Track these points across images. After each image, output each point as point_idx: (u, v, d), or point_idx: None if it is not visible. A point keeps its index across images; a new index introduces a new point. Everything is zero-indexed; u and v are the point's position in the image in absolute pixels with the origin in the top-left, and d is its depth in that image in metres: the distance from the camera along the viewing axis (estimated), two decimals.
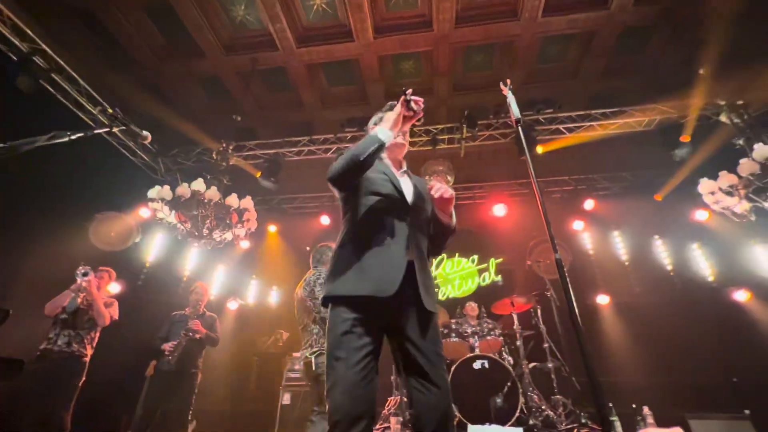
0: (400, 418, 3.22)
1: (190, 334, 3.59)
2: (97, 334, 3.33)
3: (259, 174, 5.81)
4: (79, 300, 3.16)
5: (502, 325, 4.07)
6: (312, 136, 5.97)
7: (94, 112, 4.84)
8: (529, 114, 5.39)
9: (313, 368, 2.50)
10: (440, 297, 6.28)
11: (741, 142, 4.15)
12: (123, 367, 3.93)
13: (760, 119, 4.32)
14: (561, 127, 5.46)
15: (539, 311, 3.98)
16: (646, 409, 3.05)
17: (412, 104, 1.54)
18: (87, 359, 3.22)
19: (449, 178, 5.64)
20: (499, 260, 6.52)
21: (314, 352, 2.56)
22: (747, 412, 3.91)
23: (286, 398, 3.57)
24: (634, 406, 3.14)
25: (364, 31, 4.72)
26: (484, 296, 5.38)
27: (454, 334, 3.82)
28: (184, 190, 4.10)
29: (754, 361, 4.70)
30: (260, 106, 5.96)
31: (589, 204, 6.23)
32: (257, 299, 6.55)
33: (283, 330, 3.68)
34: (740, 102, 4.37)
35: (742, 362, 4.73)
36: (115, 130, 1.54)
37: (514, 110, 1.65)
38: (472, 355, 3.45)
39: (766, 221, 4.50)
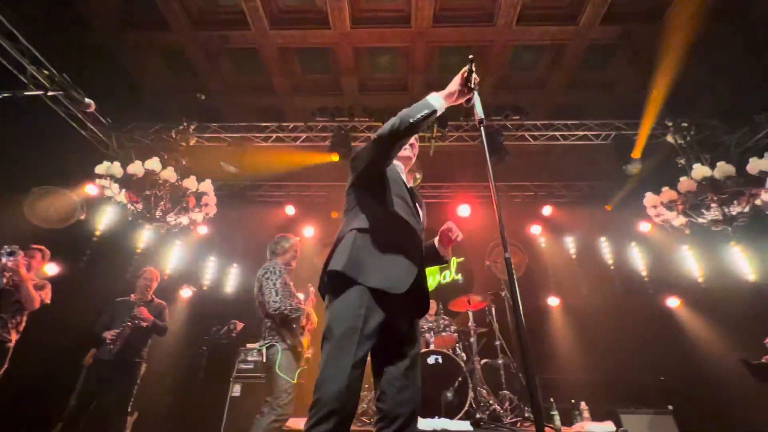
0: None
1: (136, 321, 3.38)
2: (24, 318, 3.05)
3: (222, 161, 5.57)
4: (4, 281, 2.87)
5: (458, 322, 4.19)
6: (281, 123, 5.80)
7: (37, 76, 4.39)
8: (498, 119, 5.55)
9: (264, 360, 2.46)
10: None
11: (682, 161, 4.52)
12: (57, 356, 3.64)
13: (700, 142, 4.72)
14: (526, 134, 5.66)
15: (494, 310, 4.14)
16: (583, 404, 3.26)
17: (472, 80, 1.50)
18: (11, 345, 2.95)
19: (418, 175, 5.64)
20: (460, 259, 6.70)
21: (264, 344, 2.52)
22: (670, 407, 4.30)
23: (236, 390, 3.47)
24: (573, 401, 3.35)
25: (342, 20, 4.64)
26: (443, 294, 5.51)
27: None
28: (136, 168, 3.84)
29: (679, 361, 5.17)
30: (227, 87, 5.70)
31: (547, 210, 6.54)
32: (213, 288, 6.31)
33: (237, 320, 3.56)
34: (684, 124, 4.74)
35: (669, 362, 5.20)
36: (51, 93, 1.39)
37: (479, 110, 1.67)
38: (426, 350, 3.52)
39: (699, 235, 4.95)
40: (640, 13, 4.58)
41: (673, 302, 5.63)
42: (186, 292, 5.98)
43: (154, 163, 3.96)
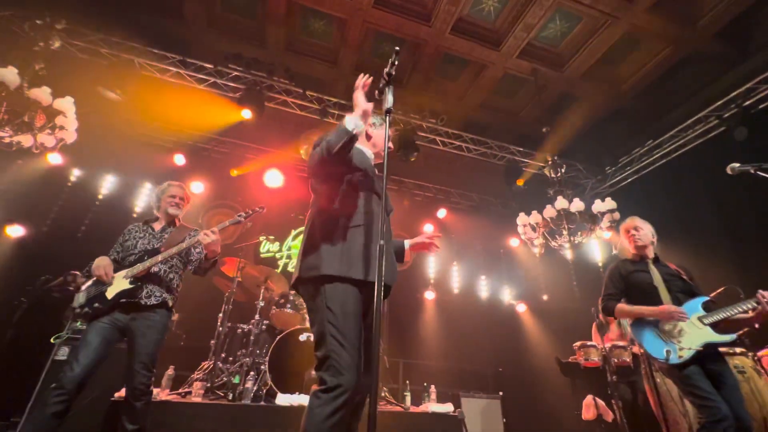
0: (207, 384, 3.02)
1: None
2: None
3: (101, 86, 4.55)
4: None
5: None
6: (185, 58, 5.02)
7: None
8: (416, 118, 5.76)
9: None
10: (288, 269, 6.19)
11: (551, 192, 5.35)
12: None
13: (566, 180, 5.65)
14: (438, 138, 6.01)
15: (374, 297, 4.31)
16: (432, 387, 3.65)
17: (392, 71, 1.60)
18: None
19: None
20: None
21: None
22: (501, 393, 5.12)
23: (62, 353, 2.90)
24: (425, 384, 3.72)
25: None
26: None
27: (289, 305, 3.79)
28: None
29: (514, 357, 6.20)
30: None
31: (441, 213, 7.08)
32: (58, 231, 5.16)
33: (78, 272, 2.97)
34: (559, 161, 5.62)
35: (507, 356, 6.20)
36: None
37: (389, 100, 1.67)
38: (300, 327, 3.49)
39: (551, 257, 5.94)
40: (549, 57, 5.23)
41: (521, 307, 6.69)
42: (16, 230, 4.78)
43: None
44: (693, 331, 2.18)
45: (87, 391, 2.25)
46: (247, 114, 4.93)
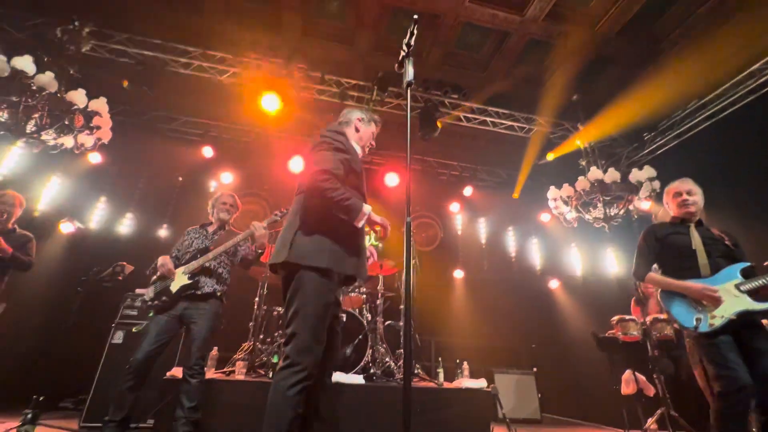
0: (248, 363, 3.20)
1: None
2: None
3: (126, 82, 4.73)
4: None
5: (368, 285, 4.34)
6: (206, 50, 5.09)
7: None
8: (438, 94, 5.60)
9: None
10: None
11: (584, 163, 5.10)
12: None
13: (600, 149, 5.36)
14: (461, 114, 5.83)
15: (403, 276, 4.34)
16: (465, 364, 3.67)
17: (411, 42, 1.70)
18: None
19: None
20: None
21: None
22: (534, 369, 5.10)
23: (117, 337, 3.15)
24: (457, 361, 3.75)
25: None
26: None
27: None
28: (0, 65, 3.05)
29: (548, 333, 6.11)
30: None
31: (468, 191, 6.94)
32: (103, 225, 5.54)
33: (126, 263, 3.19)
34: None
35: (541, 333, 6.12)
36: None
37: (409, 73, 1.63)
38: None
39: (584, 230, 5.73)
40: (578, 18, 4.88)
41: (554, 284, 6.53)
42: (67, 227, 5.16)
43: (25, 63, 3.17)
44: (728, 298, 2.02)
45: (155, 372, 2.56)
46: (270, 102, 4.96)
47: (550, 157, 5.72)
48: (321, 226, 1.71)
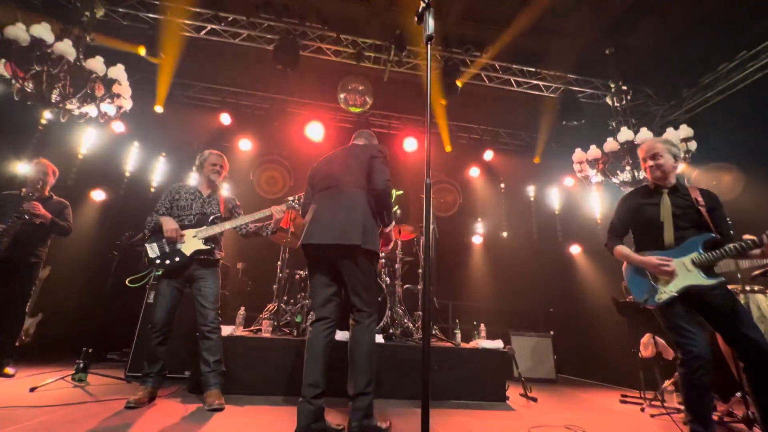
0: (274, 323, 3.37)
1: (26, 217, 3.00)
2: None
3: (142, 48, 4.70)
4: None
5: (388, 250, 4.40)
6: (218, 12, 4.95)
7: None
8: (458, 52, 5.32)
9: None
10: None
11: (614, 123, 4.82)
12: None
13: (632, 108, 5.02)
14: (483, 74, 5.55)
15: (421, 241, 4.37)
16: (482, 326, 3.75)
17: None
18: None
19: (368, 99, 5.40)
20: (399, 192, 6.82)
21: None
22: (552, 332, 5.16)
23: (151, 297, 3.37)
24: (474, 323, 3.83)
25: None
26: None
27: None
28: (18, 32, 3.07)
29: (566, 298, 6.11)
30: None
31: (488, 155, 6.75)
32: (131, 192, 5.77)
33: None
34: (624, 88, 4.97)
35: (558, 297, 6.12)
36: None
37: (429, 26, 1.53)
38: None
39: (610, 194, 5.52)
40: None
41: (575, 249, 6.43)
42: (98, 194, 5.40)
43: (43, 30, 3.18)
44: (681, 272, 2.02)
45: (177, 328, 2.72)
46: (281, 62, 4.84)
47: (570, 124, 5.37)
48: (374, 220, 2.20)
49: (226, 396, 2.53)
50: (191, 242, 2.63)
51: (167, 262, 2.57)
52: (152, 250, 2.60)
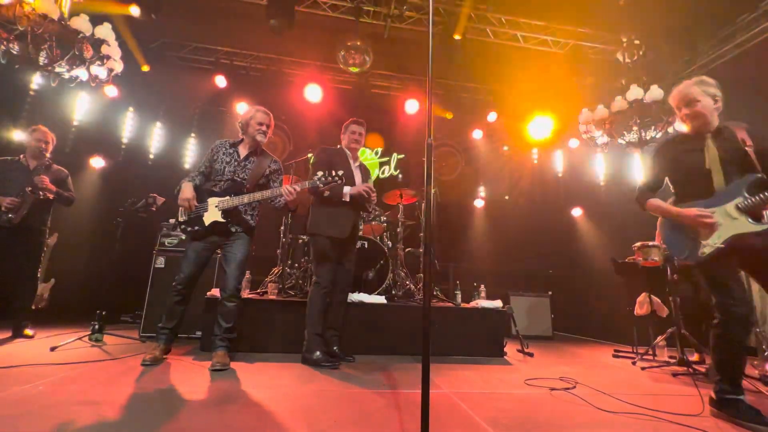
0: (279, 286, 3.47)
1: (39, 193, 3.01)
2: None
3: (133, 6, 4.45)
4: None
5: (389, 214, 4.41)
6: None
7: None
8: (460, 4, 5.01)
9: None
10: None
11: (623, 81, 4.63)
12: None
13: (644, 64, 4.80)
14: (488, 29, 5.26)
15: (423, 205, 4.37)
16: (482, 287, 3.85)
17: None
18: None
19: (366, 57, 5.18)
20: (401, 156, 6.74)
21: None
22: (549, 293, 5.29)
23: (159, 261, 3.45)
24: (475, 284, 3.93)
25: None
26: (380, 187, 5.61)
27: None
28: None
29: (565, 260, 6.20)
30: None
31: (492, 116, 6.57)
32: (129, 159, 5.72)
33: (157, 195, 3.34)
34: (637, 42, 4.71)
35: (558, 259, 6.21)
36: None
37: None
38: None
39: (615, 155, 5.43)
40: None
41: (576, 212, 6.44)
42: (98, 161, 5.35)
43: None
44: (726, 222, 1.80)
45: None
46: (275, 18, 4.60)
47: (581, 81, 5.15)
48: None
49: (237, 354, 2.65)
50: (212, 212, 2.57)
51: (189, 228, 2.58)
52: (181, 213, 2.61)
